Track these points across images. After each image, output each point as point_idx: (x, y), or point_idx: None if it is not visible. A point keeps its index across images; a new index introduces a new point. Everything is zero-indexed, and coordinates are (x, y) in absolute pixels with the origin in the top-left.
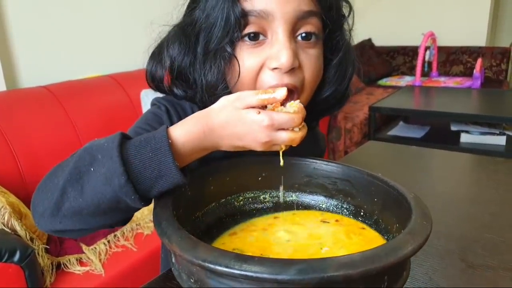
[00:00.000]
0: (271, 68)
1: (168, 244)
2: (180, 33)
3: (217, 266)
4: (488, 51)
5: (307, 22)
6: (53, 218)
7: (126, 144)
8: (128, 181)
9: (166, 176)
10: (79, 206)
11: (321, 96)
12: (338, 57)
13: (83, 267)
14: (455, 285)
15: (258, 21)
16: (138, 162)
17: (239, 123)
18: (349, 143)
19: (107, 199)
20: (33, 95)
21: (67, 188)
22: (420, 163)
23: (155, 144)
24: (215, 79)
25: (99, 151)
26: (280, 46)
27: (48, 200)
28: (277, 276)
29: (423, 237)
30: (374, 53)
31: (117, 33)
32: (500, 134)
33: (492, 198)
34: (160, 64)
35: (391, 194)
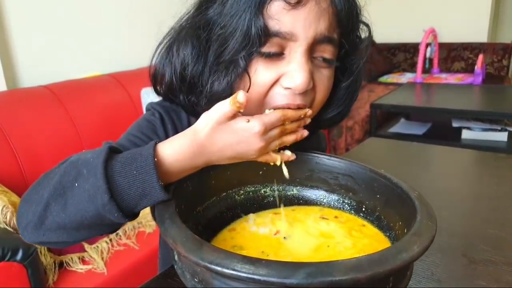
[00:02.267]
0: (284, 87)
1: (173, 244)
2: (192, 35)
3: (224, 269)
4: (489, 47)
5: (325, 46)
6: (36, 231)
7: (112, 160)
8: (112, 199)
9: (150, 195)
10: (63, 221)
11: (327, 116)
12: (350, 80)
13: (85, 266)
14: (457, 280)
15: (279, 41)
16: (122, 180)
17: (230, 135)
18: (350, 141)
19: (90, 216)
20: (34, 95)
21: (50, 202)
22: (421, 159)
23: (140, 162)
24: (222, 90)
25: (85, 166)
26: (298, 67)
27: (32, 212)
28: (285, 280)
29: (429, 238)
30: (375, 50)
31: (117, 32)
32: (501, 130)
33: (494, 194)
34: (169, 66)
35: (395, 192)
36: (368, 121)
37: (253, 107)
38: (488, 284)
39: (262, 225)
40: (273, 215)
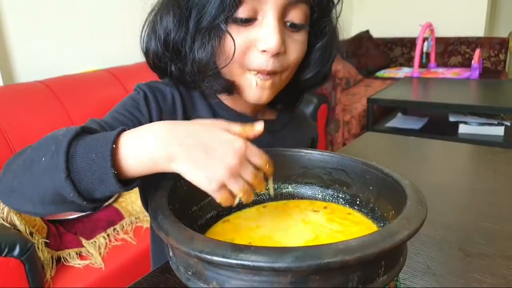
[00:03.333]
0: (259, 50)
1: (165, 237)
2: (173, 4)
3: (213, 257)
4: (486, 41)
5: (297, 8)
6: (9, 198)
7: (79, 141)
8: (68, 178)
9: (105, 182)
10: (28, 194)
11: (304, 77)
12: (323, 41)
13: (83, 261)
14: (453, 273)
15: (249, 3)
16: (81, 161)
17: (212, 137)
18: (347, 135)
19: (49, 192)
20: (30, 90)
21: (18, 174)
22: (417, 154)
23: (100, 147)
24: (207, 57)
25: (54, 142)
26: (270, 30)
27: (6, 180)
28: (273, 264)
29: (418, 221)
30: (372, 45)
31: (114, 27)
32: (498, 124)
33: (490, 188)
34: (154, 36)
35: (386, 182)
36: (365, 116)
37: (234, 70)
38: (483, 278)
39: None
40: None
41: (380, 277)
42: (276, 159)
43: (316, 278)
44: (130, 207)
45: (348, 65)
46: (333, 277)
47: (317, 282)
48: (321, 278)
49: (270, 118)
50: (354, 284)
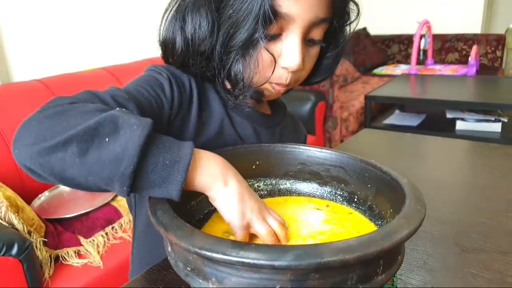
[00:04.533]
0: (281, 66)
1: (165, 233)
2: (205, 5)
3: (214, 254)
4: (483, 38)
5: (319, 26)
6: (35, 157)
7: (153, 139)
8: (132, 174)
9: (165, 189)
10: (70, 165)
11: (314, 80)
12: (336, 51)
13: (81, 260)
14: (449, 268)
15: (279, 21)
16: (153, 163)
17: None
18: (345, 132)
19: (101, 175)
20: (28, 89)
21: (72, 141)
22: (415, 150)
23: (175, 156)
24: (247, 73)
25: (125, 128)
26: (294, 49)
27: (45, 137)
28: (274, 262)
29: (417, 221)
30: (369, 42)
31: (112, 26)
32: (495, 121)
33: (487, 183)
34: (180, 33)
35: (385, 180)
36: (363, 113)
37: (260, 83)
38: (479, 272)
39: None
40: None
41: (379, 276)
42: (275, 154)
43: (315, 276)
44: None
45: (346, 62)
46: (333, 276)
47: (317, 281)
48: (320, 276)
49: (267, 113)
50: (353, 283)
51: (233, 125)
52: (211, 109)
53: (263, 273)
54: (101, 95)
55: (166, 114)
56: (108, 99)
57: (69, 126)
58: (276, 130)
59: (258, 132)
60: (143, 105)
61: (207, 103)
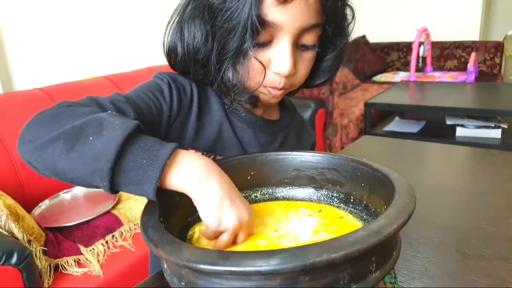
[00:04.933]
0: (274, 72)
1: (154, 249)
2: (199, 16)
3: (201, 265)
4: (481, 45)
5: (310, 32)
6: (33, 152)
7: (134, 139)
8: (111, 170)
9: (142, 187)
10: (58, 160)
11: (314, 83)
12: (334, 53)
13: (81, 268)
14: (450, 276)
15: (268, 29)
16: (131, 161)
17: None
18: (345, 139)
19: (83, 170)
20: (29, 98)
21: (60, 138)
22: (415, 156)
23: (154, 156)
24: (238, 79)
25: (108, 128)
26: (284, 55)
27: (40, 135)
28: (260, 268)
29: (406, 215)
30: (368, 50)
31: (113, 34)
32: (495, 127)
33: (487, 189)
34: (180, 44)
35: (376, 177)
36: (363, 120)
37: (254, 88)
38: (480, 279)
39: None
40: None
41: (373, 273)
42: (269, 163)
43: (305, 278)
44: (128, 213)
45: (345, 70)
46: (323, 277)
47: (307, 283)
48: (310, 278)
49: (274, 119)
50: (345, 282)
51: (233, 129)
52: (211, 113)
53: (253, 280)
54: (100, 100)
55: (165, 117)
56: (106, 103)
57: (60, 126)
58: (279, 135)
59: (258, 137)
60: (142, 108)
61: (208, 106)
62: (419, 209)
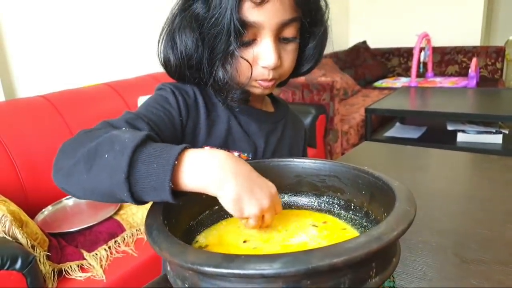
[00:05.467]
0: (262, 66)
1: (159, 251)
2: (187, 26)
3: (205, 268)
4: (482, 50)
5: (289, 26)
6: (63, 179)
7: (143, 148)
8: (126, 180)
9: (159, 191)
10: (83, 181)
11: (301, 71)
12: (315, 41)
13: (84, 273)
14: (449, 280)
15: (251, 29)
16: (143, 168)
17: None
18: (346, 145)
19: (104, 186)
20: (32, 105)
21: (80, 161)
22: (415, 162)
23: (163, 159)
24: (227, 77)
25: (119, 143)
26: (269, 50)
27: (65, 162)
28: (263, 271)
29: (406, 222)
30: (369, 55)
31: (114, 42)
32: (496, 132)
33: (486, 195)
34: (173, 52)
35: (377, 185)
36: (364, 126)
37: (244, 83)
38: (479, 284)
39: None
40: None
41: (372, 279)
42: (271, 169)
43: (307, 282)
44: (131, 219)
45: (346, 76)
46: (324, 281)
47: (309, 287)
48: (312, 282)
49: (271, 111)
50: (346, 287)
51: (239, 123)
52: (217, 111)
53: (255, 283)
54: (113, 121)
55: (177, 122)
56: (120, 123)
57: (79, 151)
58: (279, 125)
59: (262, 128)
60: (154, 120)
61: (213, 106)
62: (419, 214)
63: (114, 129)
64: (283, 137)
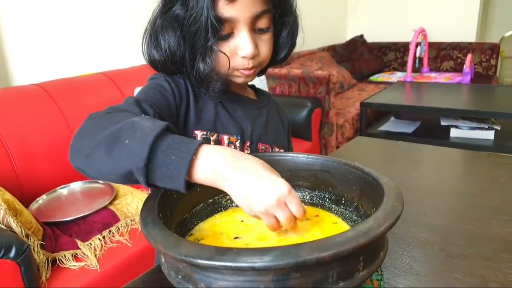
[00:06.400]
0: (240, 56)
1: (154, 244)
2: (168, 26)
3: (198, 260)
4: (478, 46)
5: (262, 18)
6: (81, 159)
7: (163, 138)
8: (145, 167)
9: (174, 181)
10: (102, 162)
11: (279, 57)
12: (287, 30)
13: (78, 263)
14: (434, 273)
15: (227, 23)
16: (161, 158)
17: (265, 175)
18: (341, 139)
19: (123, 169)
20: (27, 93)
21: (101, 144)
22: (406, 158)
23: (182, 152)
24: (208, 69)
25: (140, 131)
26: (246, 41)
27: (85, 143)
28: (254, 264)
29: (393, 217)
30: (366, 49)
31: (110, 31)
32: (488, 128)
33: (473, 191)
34: (157, 51)
35: (367, 180)
36: (359, 120)
37: (225, 73)
38: (463, 277)
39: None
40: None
41: (360, 272)
42: None
43: (296, 275)
44: (125, 209)
45: (342, 69)
46: (313, 274)
47: (298, 280)
48: (301, 275)
49: (253, 98)
50: (334, 280)
51: (226, 109)
52: (205, 99)
53: (246, 276)
54: (123, 106)
55: (173, 106)
56: (131, 107)
57: (100, 133)
58: (263, 111)
59: (248, 113)
60: (156, 104)
61: (200, 93)
62: (408, 208)
63: (132, 114)
64: (268, 122)
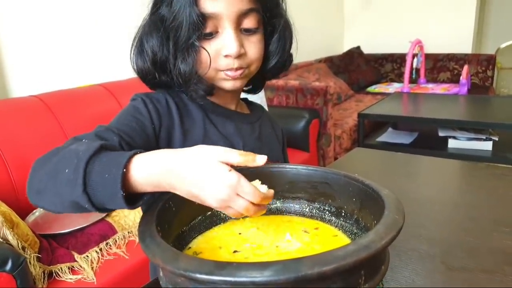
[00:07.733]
0: (224, 55)
1: (152, 258)
2: (154, 29)
3: (197, 275)
4: (474, 58)
5: (248, 17)
6: (36, 197)
7: (96, 159)
8: (84, 192)
9: (115, 200)
10: (52, 196)
11: (268, 66)
12: (277, 35)
13: (75, 276)
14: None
15: (211, 21)
16: (96, 178)
17: (208, 172)
18: (338, 150)
19: (68, 200)
20: (25, 105)
21: (45, 178)
22: (405, 169)
23: (113, 168)
24: (189, 69)
25: (76, 157)
26: (229, 39)
27: (35, 181)
28: (254, 279)
29: (394, 231)
30: (362, 61)
31: (108, 42)
32: (486, 139)
33: (472, 203)
34: (142, 56)
35: (367, 193)
36: (356, 131)
37: (209, 73)
38: None
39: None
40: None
41: (361, 286)
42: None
43: None
44: (123, 221)
45: (340, 80)
46: None
47: None
48: None
49: (246, 112)
50: None
51: (215, 126)
52: (192, 116)
53: None
54: (82, 136)
55: (150, 130)
56: (90, 137)
57: (45, 167)
58: (256, 125)
59: (239, 128)
60: (125, 130)
61: (187, 111)
62: (408, 221)
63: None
64: (261, 137)
